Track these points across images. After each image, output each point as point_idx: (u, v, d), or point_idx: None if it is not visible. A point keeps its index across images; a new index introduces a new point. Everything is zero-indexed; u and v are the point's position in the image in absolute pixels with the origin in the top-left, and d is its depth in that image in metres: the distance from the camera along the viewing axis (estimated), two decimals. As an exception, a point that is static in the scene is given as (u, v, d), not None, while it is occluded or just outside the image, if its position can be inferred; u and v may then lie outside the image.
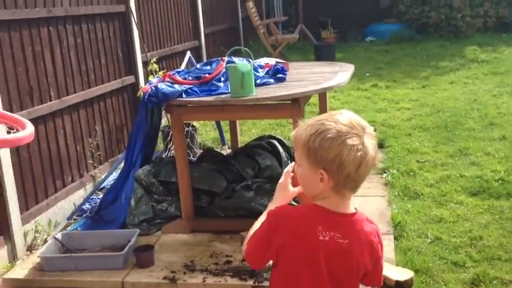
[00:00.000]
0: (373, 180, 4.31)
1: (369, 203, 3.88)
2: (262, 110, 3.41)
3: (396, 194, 4.12)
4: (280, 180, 1.72)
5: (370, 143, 1.49)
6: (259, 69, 3.69)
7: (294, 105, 3.25)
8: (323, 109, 4.53)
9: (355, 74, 4.42)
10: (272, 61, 3.86)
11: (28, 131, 2.07)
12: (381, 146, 5.02)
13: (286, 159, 4.23)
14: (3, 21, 3.50)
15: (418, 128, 5.85)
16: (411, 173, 4.51)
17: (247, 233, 3.31)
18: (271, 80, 3.60)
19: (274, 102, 3.37)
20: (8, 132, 2.32)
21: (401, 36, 11.79)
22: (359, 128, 1.49)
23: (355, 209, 1.59)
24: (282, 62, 3.89)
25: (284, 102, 3.33)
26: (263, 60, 3.89)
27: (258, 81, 3.49)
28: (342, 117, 1.50)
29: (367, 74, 8.72)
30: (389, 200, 3.99)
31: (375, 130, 1.55)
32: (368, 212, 2.32)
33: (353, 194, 1.56)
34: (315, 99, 5.04)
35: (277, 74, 3.65)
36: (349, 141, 1.45)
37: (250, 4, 10.07)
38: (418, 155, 4.99)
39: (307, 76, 3.79)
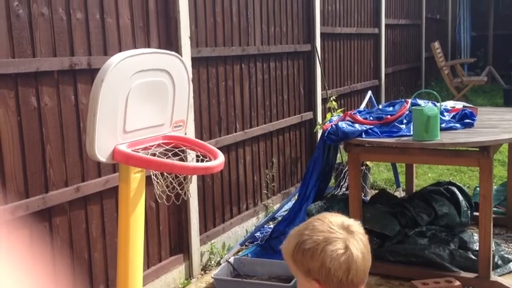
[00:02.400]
0: None
1: None
2: (446, 156, 3.25)
3: None
4: None
5: (355, 244, 1.41)
6: (445, 113, 3.54)
7: (483, 154, 3.04)
8: (512, 159, 4.18)
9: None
10: (459, 105, 3.68)
11: (220, 160, 2.23)
12: None
13: (466, 208, 3.96)
14: (204, 58, 3.85)
15: None
16: None
17: (418, 282, 3.14)
18: (458, 125, 3.42)
19: (460, 149, 3.20)
20: (197, 160, 2.52)
21: None
22: (340, 229, 1.42)
23: None
24: (470, 107, 3.68)
25: (471, 149, 3.14)
26: (449, 104, 3.72)
27: (443, 125, 3.34)
28: (319, 224, 1.44)
29: None
30: None
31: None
32: None
33: None
34: (503, 148, 4.66)
35: (465, 119, 3.46)
36: (330, 248, 1.39)
37: (436, 45, 9.75)
38: None
39: (498, 123, 3.54)
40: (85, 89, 2.83)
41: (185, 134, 2.69)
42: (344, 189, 4.72)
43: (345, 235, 1.42)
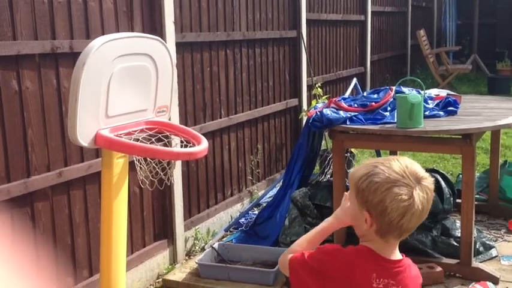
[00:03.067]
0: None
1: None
2: (429, 144, 3.27)
3: None
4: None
5: (421, 196, 1.46)
6: (429, 101, 3.55)
7: (466, 141, 3.07)
8: (495, 146, 4.22)
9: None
10: (443, 93, 3.69)
11: (203, 146, 2.22)
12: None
13: (448, 195, 3.99)
14: (188, 43, 3.82)
15: None
16: None
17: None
18: (441, 113, 3.44)
19: (443, 136, 3.22)
20: (181, 146, 2.51)
21: None
22: (412, 178, 1.46)
23: (402, 254, 1.57)
24: (454, 95, 3.70)
25: (454, 137, 3.16)
26: (433, 92, 3.74)
27: (426, 112, 3.36)
28: (396, 164, 1.48)
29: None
30: None
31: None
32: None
33: (398, 241, 1.54)
34: (486, 135, 4.71)
35: (448, 107, 3.48)
36: (395, 190, 1.45)
37: (422, 32, 9.77)
38: None
39: (481, 111, 3.56)
40: (67, 73, 2.79)
41: (169, 120, 2.67)
42: (329, 176, 4.74)
43: (414, 184, 1.46)
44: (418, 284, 1.59)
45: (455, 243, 3.42)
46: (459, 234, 3.39)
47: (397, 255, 1.56)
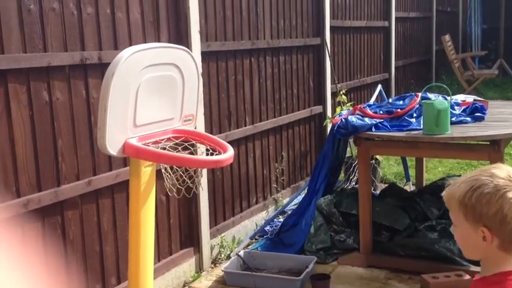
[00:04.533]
0: None
1: None
2: (456, 150, 3.24)
3: None
4: None
5: None
6: (456, 107, 3.52)
7: (494, 148, 3.03)
8: (524, 153, 4.15)
9: None
10: (470, 99, 3.66)
11: (229, 154, 2.24)
12: None
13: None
14: (214, 52, 3.85)
15: None
16: None
17: (428, 276, 3.13)
18: (468, 119, 3.41)
19: (470, 142, 3.19)
20: (207, 154, 2.53)
21: None
22: None
23: None
24: (480, 100, 3.66)
25: (482, 143, 3.12)
26: (460, 98, 3.70)
27: (453, 119, 3.33)
28: (498, 171, 1.42)
29: None
30: None
31: None
32: None
33: None
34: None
35: (475, 113, 3.45)
36: (510, 195, 1.37)
37: (447, 37, 9.68)
38: None
39: (509, 116, 3.52)
40: (96, 84, 2.85)
41: (195, 128, 2.70)
42: (354, 183, 4.72)
43: None
44: None
45: (484, 251, 3.37)
46: (488, 242, 3.33)
47: None
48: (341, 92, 5.29)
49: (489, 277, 1.43)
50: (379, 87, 4.87)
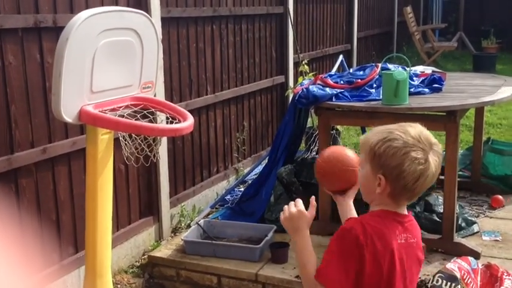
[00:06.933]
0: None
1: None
2: (414, 120, 3.20)
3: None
4: (293, 210, 1.69)
5: (434, 160, 1.53)
6: (414, 78, 3.56)
7: (450, 118, 3.09)
8: (478, 123, 4.26)
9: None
10: (429, 70, 3.71)
11: (189, 122, 2.21)
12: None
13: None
14: (174, 18, 3.77)
15: None
16: None
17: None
18: (426, 90, 3.45)
19: (428, 113, 3.24)
20: (166, 122, 2.50)
21: None
22: (426, 143, 1.53)
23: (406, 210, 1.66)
24: (439, 72, 3.72)
25: (439, 114, 3.18)
26: (419, 69, 3.75)
27: (412, 89, 3.37)
28: (411, 130, 1.55)
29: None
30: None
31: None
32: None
33: (407, 203, 1.62)
34: (470, 113, 4.75)
35: (433, 84, 3.49)
36: (413, 154, 1.51)
37: (408, 9, 9.76)
38: None
39: (466, 88, 3.58)
40: (50, 48, 2.75)
41: (154, 96, 2.65)
42: (314, 153, 4.76)
43: (428, 149, 1.53)
44: (420, 233, 1.69)
45: (438, 219, 3.47)
46: (442, 210, 3.43)
47: (406, 211, 1.64)
48: (303, 62, 5.29)
49: (374, 211, 1.61)
50: (341, 57, 4.89)
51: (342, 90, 3.46)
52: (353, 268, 1.52)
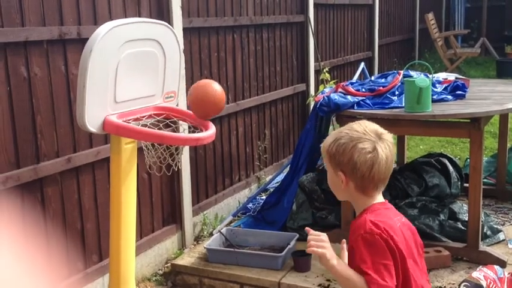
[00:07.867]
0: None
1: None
2: (437, 128, 3.25)
3: None
4: (324, 238, 1.78)
5: (383, 147, 1.65)
6: (437, 85, 3.53)
7: (474, 125, 3.05)
8: (503, 130, 4.20)
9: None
10: (451, 77, 3.67)
11: (211, 131, 2.23)
12: None
13: (456, 179, 3.99)
14: (196, 28, 3.81)
15: None
16: None
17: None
18: (449, 97, 3.42)
19: (451, 120, 3.21)
20: (189, 131, 2.52)
21: None
22: (373, 134, 1.66)
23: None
24: (462, 79, 3.68)
25: (463, 121, 3.15)
26: (442, 75, 3.72)
27: (434, 96, 3.34)
28: (356, 126, 1.69)
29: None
30: None
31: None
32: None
33: (378, 192, 1.72)
34: (494, 119, 4.69)
35: (457, 91, 3.46)
36: (360, 145, 1.64)
37: (430, 16, 9.69)
38: None
39: (489, 94, 3.54)
40: (75, 59, 2.80)
41: (177, 105, 2.68)
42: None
43: (375, 139, 1.66)
44: None
45: (463, 227, 3.43)
46: (466, 218, 3.39)
47: (383, 199, 1.76)
48: (324, 70, 5.28)
49: (357, 216, 1.73)
50: (362, 65, 4.87)
51: (364, 97, 3.45)
52: (391, 263, 1.62)
